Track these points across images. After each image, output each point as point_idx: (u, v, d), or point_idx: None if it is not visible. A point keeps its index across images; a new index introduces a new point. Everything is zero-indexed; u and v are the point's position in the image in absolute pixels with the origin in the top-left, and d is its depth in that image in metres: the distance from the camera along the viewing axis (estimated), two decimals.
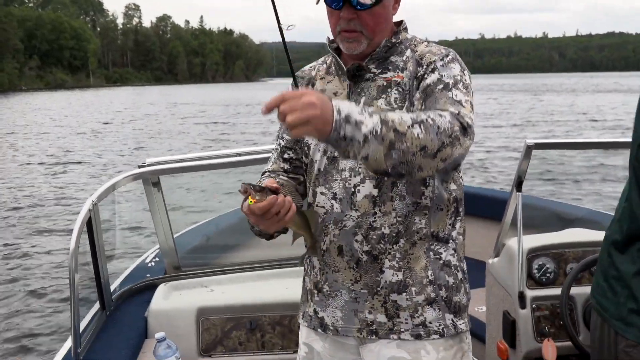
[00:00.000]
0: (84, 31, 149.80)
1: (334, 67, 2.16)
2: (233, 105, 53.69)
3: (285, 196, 1.86)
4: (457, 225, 2.10)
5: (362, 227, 2.02)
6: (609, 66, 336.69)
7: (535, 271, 3.24)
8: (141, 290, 3.52)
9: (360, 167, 2.02)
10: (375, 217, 2.01)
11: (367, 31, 2.02)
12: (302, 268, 2.27)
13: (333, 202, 2.05)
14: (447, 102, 1.89)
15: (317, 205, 2.10)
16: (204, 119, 37.63)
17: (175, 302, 3.26)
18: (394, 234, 2.01)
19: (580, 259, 3.24)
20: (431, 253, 2.04)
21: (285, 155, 2.25)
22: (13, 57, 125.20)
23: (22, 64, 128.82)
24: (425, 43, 2.10)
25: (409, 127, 1.72)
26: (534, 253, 3.26)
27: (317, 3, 2.08)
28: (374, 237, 2.02)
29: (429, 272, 2.03)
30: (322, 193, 2.08)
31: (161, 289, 3.39)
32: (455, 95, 1.91)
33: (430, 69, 1.98)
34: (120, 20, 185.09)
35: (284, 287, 3.26)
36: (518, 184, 3.30)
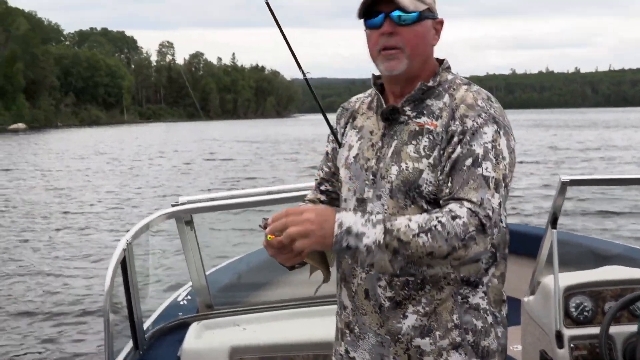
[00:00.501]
0: (118, 68, 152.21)
1: (375, 104, 2.16)
2: (264, 142, 53.96)
3: None
4: (492, 270, 2.05)
5: (385, 274, 2.00)
6: None
7: (573, 310, 3.19)
8: (174, 329, 3.53)
9: (386, 213, 2.01)
10: None
11: (407, 48, 2.01)
12: (335, 307, 2.26)
13: None
14: (472, 185, 1.86)
15: None
16: (235, 156, 37.85)
17: (208, 341, 3.26)
18: (419, 280, 1.99)
19: (618, 297, 3.18)
20: (459, 297, 2.00)
21: (322, 187, 2.29)
22: (49, 94, 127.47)
23: (58, 101, 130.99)
24: (466, 87, 2.05)
25: (414, 235, 1.79)
26: (571, 291, 3.21)
27: (360, 18, 2.06)
28: (398, 283, 2.00)
29: (455, 316, 1.98)
30: None
31: (194, 327, 3.40)
32: (485, 170, 1.88)
33: (461, 131, 1.94)
34: (154, 58, 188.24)
35: (316, 326, 3.24)
36: (553, 221, 3.26)
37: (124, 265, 3.02)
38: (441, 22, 2.10)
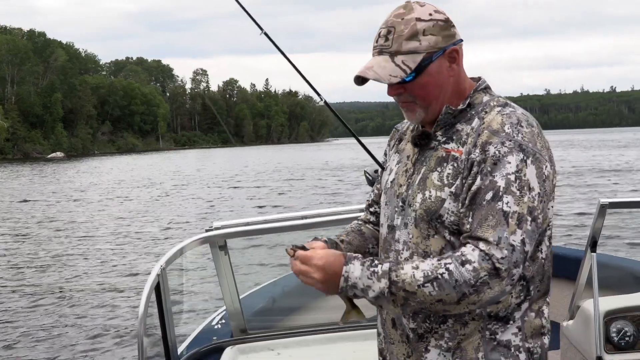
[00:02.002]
0: (154, 96, 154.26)
1: (415, 127, 2.12)
2: (298, 167, 54.14)
3: None
4: (526, 305, 1.93)
5: None
6: None
7: (614, 335, 3.11)
8: (208, 353, 3.51)
9: (410, 242, 1.99)
10: None
11: (418, 100, 1.97)
12: (372, 331, 2.25)
13: None
14: (491, 222, 1.79)
15: None
16: (268, 181, 38.00)
17: None
18: (444, 316, 1.92)
19: None
20: (486, 332, 1.91)
21: (371, 209, 2.30)
22: (87, 123, 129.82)
23: (95, 129, 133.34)
24: (499, 109, 1.95)
25: (419, 286, 1.78)
26: (612, 316, 3.13)
27: (360, 85, 2.03)
28: (420, 315, 1.95)
29: (480, 354, 1.90)
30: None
31: (228, 352, 3.39)
32: (506, 205, 1.79)
33: (481, 159, 1.85)
34: (188, 85, 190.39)
35: (351, 351, 3.21)
36: (592, 244, 3.19)
37: (158, 290, 3.02)
38: (456, 50, 1.98)
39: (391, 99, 2.04)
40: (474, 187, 1.84)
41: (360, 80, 2.00)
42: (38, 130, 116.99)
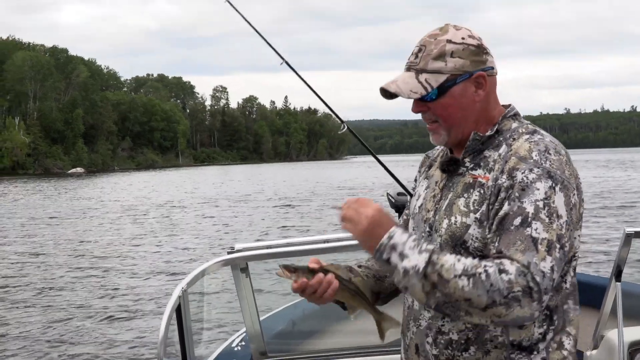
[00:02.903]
0: (174, 113, 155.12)
1: (444, 153, 2.13)
2: (317, 185, 54.08)
3: (326, 274, 1.96)
4: (549, 336, 1.90)
5: (432, 330, 1.97)
6: None
7: None
8: None
9: None
10: (443, 322, 1.94)
11: (441, 121, 1.99)
12: (391, 357, 2.24)
13: (412, 299, 2.03)
14: (520, 247, 1.75)
15: (406, 299, 2.10)
16: (287, 201, 37.93)
17: None
18: (462, 341, 1.91)
19: None
20: None
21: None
22: (107, 139, 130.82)
23: (115, 145, 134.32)
24: (527, 137, 1.94)
25: (455, 275, 1.73)
26: (637, 346, 3.09)
27: (388, 99, 2.08)
28: (442, 341, 1.94)
29: None
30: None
31: None
32: (535, 231, 1.76)
33: (509, 185, 1.84)
34: (208, 102, 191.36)
35: None
36: (617, 274, 3.15)
37: (179, 311, 3.03)
38: (482, 77, 1.97)
39: (410, 117, 2.05)
40: (501, 213, 1.82)
41: (388, 94, 2.04)
42: (59, 146, 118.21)
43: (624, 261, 3.16)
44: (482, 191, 1.90)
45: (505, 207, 1.82)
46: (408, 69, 2.01)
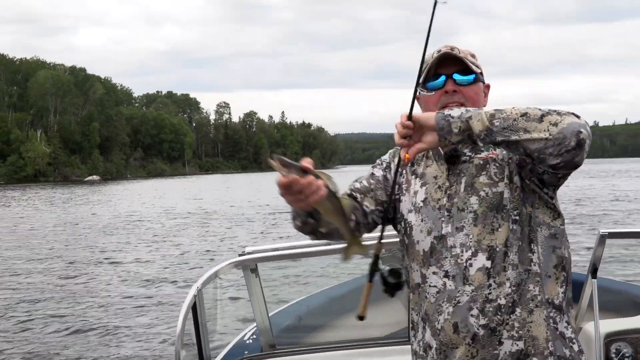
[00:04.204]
0: (181, 126, 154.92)
1: (432, 152, 2.10)
2: None
3: (317, 178, 1.76)
4: (569, 295, 1.98)
5: (477, 301, 1.90)
6: None
7: (613, 356, 3.06)
8: None
9: (471, 242, 1.95)
10: (490, 289, 1.90)
11: (468, 103, 2.02)
12: (393, 348, 2.21)
13: (446, 280, 1.95)
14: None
15: (429, 286, 2.00)
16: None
17: None
18: (510, 304, 1.89)
19: None
20: (551, 321, 1.90)
21: (353, 194, 2.14)
22: (120, 150, 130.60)
23: (128, 155, 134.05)
24: None
25: (511, 108, 1.82)
26: (611, 338, 3.08)
27: (416, 95, 1.99)
28: (490, 309, 1.90)
29: (550, 343, 1.88)
30: (434, 273, 1.98)
31: None
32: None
33: None
34: (212, 117, 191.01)
35: None
36: (593, 271, 3.16)
37: (195, 309, 3.03)
38: (488, 87, 2.15)
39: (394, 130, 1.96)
40: None
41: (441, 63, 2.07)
42: (77, 156, 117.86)
43: (599, 260, 3.18)
44: (497, 164, 1.98)
45: None
46: (451, 49, 2.06)
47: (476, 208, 1.95)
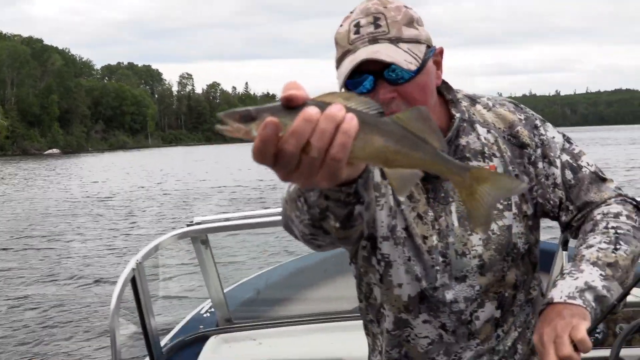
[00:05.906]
0: (143, 98, 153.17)
1: None
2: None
3: (322, 108, 1.40)
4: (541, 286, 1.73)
5: (482, 356, 1.57)
6: (618, 120, 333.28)
7: None
8: (192, 342, 3.34)
9: (476, 294, 1.53)
10: (498, 340, 1.57)
11: (412, 105, 1.36)
12: (354, 322, 2.03)
13: (442, 332, 1.56)
14: (594, 186, 1.54)
15: (418, 336, 1.58)
16: (247, 178, 37.47)
17: (223, 355, 3.10)
18: (514, 347, 1.61)
19: (630, 319, 2.93)
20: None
21: None
22: (81, 122, 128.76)
23: (89, 128, 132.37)
24: (485, 109, 1.58)
25: (613, 250, 1.43)
26: None
27: (342, 89, 1.40)
28: (495, 358, 1.58)
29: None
30: (425, 322, 1.57)
31: (211, 341, 3.22)
32: (587, 165, 1.55)
33: (541, 153, 1.54)
34: (175, 88, 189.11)
35: (332, 342, 3.03)
36: (564, 243, 3.05)
37: (134, 283, 2.83)
38: (442, 52, 1.50)
39: None
40: (555, 181, 1.53)
41: (355, 75, 1.39)
42: (36, 129, 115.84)
43: None
44: None
45: (555, 172, 1.53)
46: (374, 40, 1.38)
47: (481, 252, 1.51)
